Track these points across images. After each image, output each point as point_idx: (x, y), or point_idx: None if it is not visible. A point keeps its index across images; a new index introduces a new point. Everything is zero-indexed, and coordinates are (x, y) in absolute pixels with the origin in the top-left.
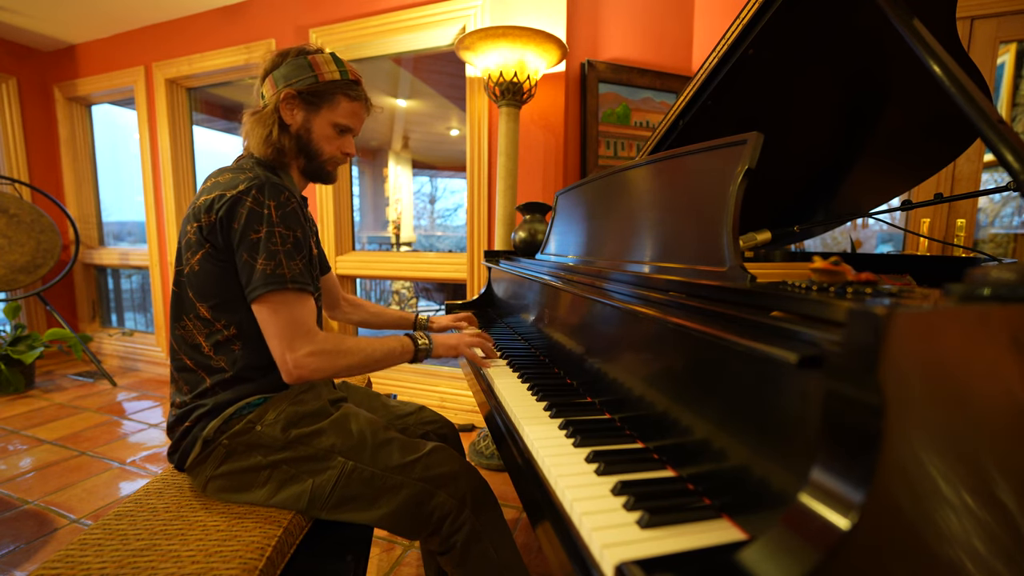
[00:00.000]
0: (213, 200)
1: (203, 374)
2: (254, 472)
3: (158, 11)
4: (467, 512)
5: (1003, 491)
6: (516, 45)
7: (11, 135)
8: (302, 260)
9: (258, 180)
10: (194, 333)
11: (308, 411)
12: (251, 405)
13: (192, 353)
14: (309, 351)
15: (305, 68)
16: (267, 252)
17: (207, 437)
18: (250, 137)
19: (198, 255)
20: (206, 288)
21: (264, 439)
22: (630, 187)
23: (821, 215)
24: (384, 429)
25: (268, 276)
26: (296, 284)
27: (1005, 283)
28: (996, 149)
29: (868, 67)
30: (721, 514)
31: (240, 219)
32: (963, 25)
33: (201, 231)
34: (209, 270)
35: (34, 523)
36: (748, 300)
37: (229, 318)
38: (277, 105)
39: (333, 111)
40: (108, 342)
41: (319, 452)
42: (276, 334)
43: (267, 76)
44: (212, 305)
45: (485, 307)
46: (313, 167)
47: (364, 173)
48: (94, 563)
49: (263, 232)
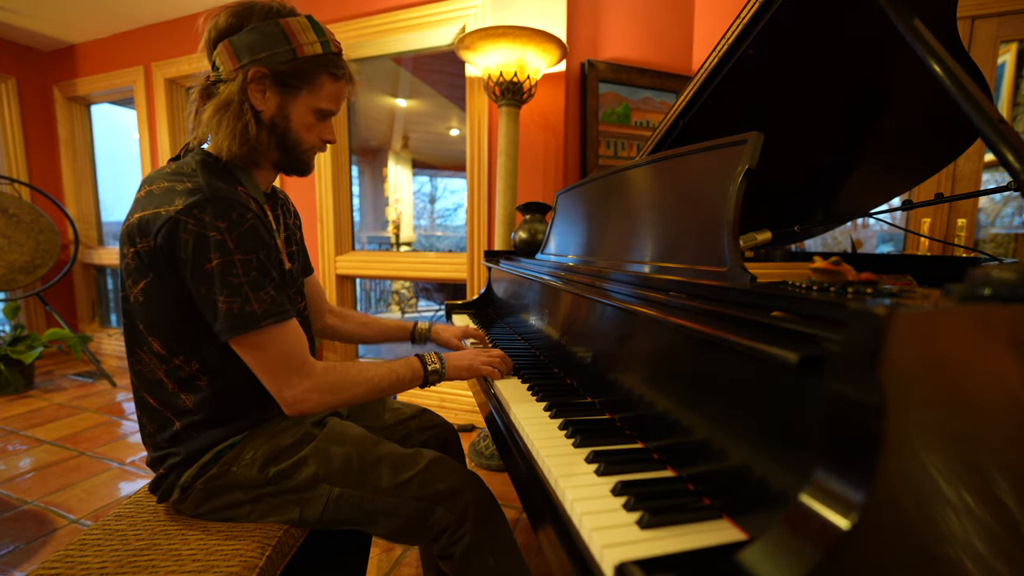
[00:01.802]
0: (147, 219)
1: (170, 415)
2: (236, 507)
3: (158, 11)
4: (467, 525)
5: (1003, 491)
6: (516, 45)
7: (11, 135)
8: (271, 285)
9: (199, 195)
10: (153, 369)
11: (288, 443)
12: (228, 447)
13: (154, 391)
14: (309, 387)
15: (278, 39)
16: (228, 287)
17: (184, 484)
18: (215, 130)
19: (140, 284)
20: (155, 321)
21: (241, 480)
22: (630, 187)
23: (821, 215)
24: (374, 446)
25: (236, 317)
26: (271, 319)
27: (1006, 283)
28: (996, 149)
29: (869, 67)
30: (721, 514)
31: (185, 247)
32: (963, 25)
33: (139, 257)
34: (157, 300)
35: (34, 523)
36: (748, 300)
37: (188, 352)
38: (244, 86)
39: (315, 95)
40: (108, 342)
41: (301, 483)
42: (266, 372)
43: (221, 40)
44: (166, 339)
45: (485, 307)
46: (290, 160)
47: (364, 173)
48: (94, 563)
49: (217, 263)
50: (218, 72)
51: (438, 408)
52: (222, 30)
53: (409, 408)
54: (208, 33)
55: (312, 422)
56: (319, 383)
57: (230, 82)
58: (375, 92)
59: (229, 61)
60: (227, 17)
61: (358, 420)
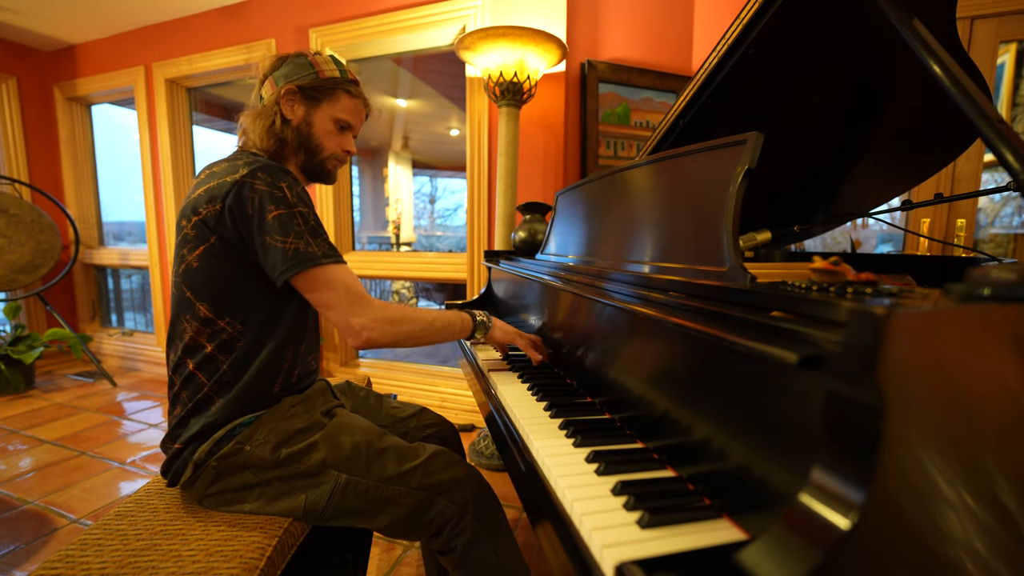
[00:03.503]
0: (213, 189)
1: (203, 377)
2: (245, 489)
3: (158, 11)
4: (468, 518)
5: (1003, 491)
6: (516, 45)
7: (11, 135)
8: (325, 235)
9: (259, 163)
10: (195, 335)
11: (299, 427)
12: (241, 425)
13: (193, 354)
14: (373, 316)
15: (305, 66)
16: (293, 233)
17: (197, 460)
18: (250, 131)
19: (198, 250)
20: (208, 285)
21: (253, 460)
22: (630, 187)
23: (821, 215)
24: (380, 437)
25: (301, 254)
26: (330, 258)
27: (1005, 283)
28: (996, 149)
29: (868, 67)
30: (721, 514)
31: (252, 203)
32: (963, 25)
33: (205, 224)
34: (212, 265)
35: (34, 523)
36: (748, 300)
37: (234, 314)
38: (278, 100)
39: (334, 106)
40: (108, 342)
41: (311, 468)
42: (332, 306)
43: (267, 78)
44: (213, 303)
45: (485, 307)
46: (313, 164)
47: (364, 173)
48: (94, 563)
49: (282, 212)
50: (263, 101)
51: (438, 408)
52: (267, 71)
53: (409, 407)
54: (260, 75)
55: (322, 411)
56: (381, 314)
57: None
58: (375, 92)
59: (270, 88)
60: (272, 61)
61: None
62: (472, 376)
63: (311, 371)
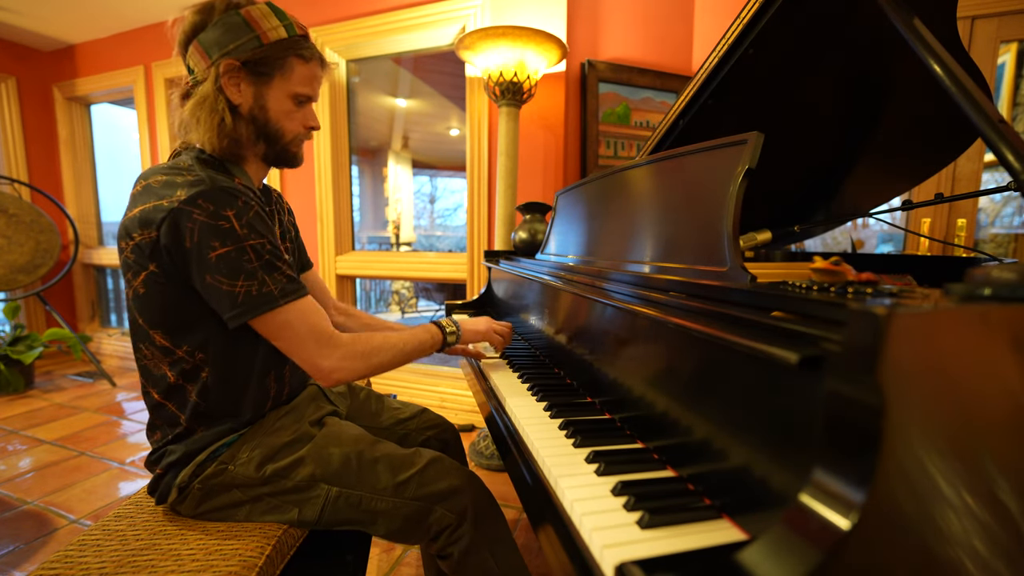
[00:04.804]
0: (148, 212)
1: (174, 408)
2: (235, 507)
3: (158, 11)
4: (466, 525)
5: (1003, 491)
6: (516, 45)
7: (11, 135)
8: (284, 266)
9: (202, 186)
10: (157, 363)
11: (285, 441)
12: (224, 445)
13: (159, 384)
14: (341, 355)
15: (241, 28)
16: (244, 273)
17: (180, 484)
18: (194, 127)
19: (140, 276)
20: (156, 314)
21: (239, 479)
22: (630, 187)
23: (822, 215)
24: (372, 446)
25: (255, 298)
26: (288, 297)
27: (1006, 283)
28: (996, 149)
29: (869, 67)
30: (721, 514)
31: (191, 236)
32: (963, 25)
33: (140, 250)
34: (159, 292)
35: (33, 523)
36: (748, 300)
37: (191, 342)
38: (218, 81)
39: (287, 79)
40: (107, 342)
41: (299, 483)
42: (296, 349)
43: (191, 41)
44: (168, 331)
45: (485, 307)
46: (276, 151)
47: (364, 173)
48: (93, 563)
49: (229, 250)
50: (194, 75)
51: (439, 407)
52: (188, 30)
53: (409, 408)
54: (179, 36)
55: (311, 421)
56: (349, 351)
57: (205, 81)
58: (375, 92)
59: (201, 60)
60: (192, 15)
61: (357, 420)
62: (472, 376)
63: (303, 382)
